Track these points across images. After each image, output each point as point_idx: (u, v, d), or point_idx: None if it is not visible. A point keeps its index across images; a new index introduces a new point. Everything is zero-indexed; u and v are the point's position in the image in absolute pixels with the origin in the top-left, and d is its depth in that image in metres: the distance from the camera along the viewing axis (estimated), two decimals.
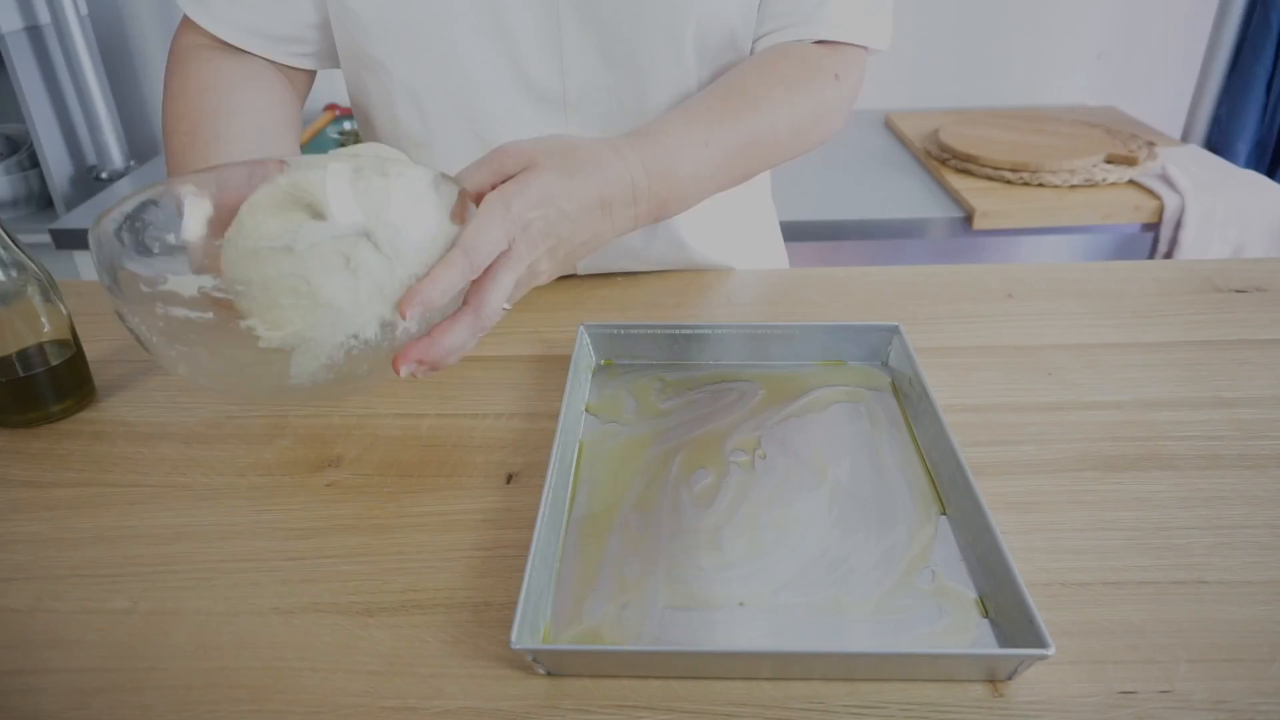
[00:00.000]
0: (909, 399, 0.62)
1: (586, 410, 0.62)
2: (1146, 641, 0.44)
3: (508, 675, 0.43)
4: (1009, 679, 0.42)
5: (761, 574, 0.48)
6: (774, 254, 0.93)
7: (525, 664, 0.43)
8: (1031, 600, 0.42)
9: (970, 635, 0.44)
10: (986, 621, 0.45)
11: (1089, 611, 0.45)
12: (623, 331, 0.66)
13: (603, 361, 0.67)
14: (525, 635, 0.42)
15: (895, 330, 0.66)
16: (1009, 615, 0.44)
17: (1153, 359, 0.67)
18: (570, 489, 0.54)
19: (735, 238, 0.85)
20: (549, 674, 0.43)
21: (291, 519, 0.53)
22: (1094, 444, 0.58)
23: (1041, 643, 0.40)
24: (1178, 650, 0.44)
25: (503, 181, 0.55)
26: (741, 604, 0.46)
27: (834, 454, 0.57)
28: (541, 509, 0.48)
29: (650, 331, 0.66)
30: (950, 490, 0.53)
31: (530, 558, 0.45)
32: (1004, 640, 0.44)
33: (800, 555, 0.49)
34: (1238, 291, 0.77)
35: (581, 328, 0.66)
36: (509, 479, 0.56)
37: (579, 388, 0.62)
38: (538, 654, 0.42)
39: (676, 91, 0.72)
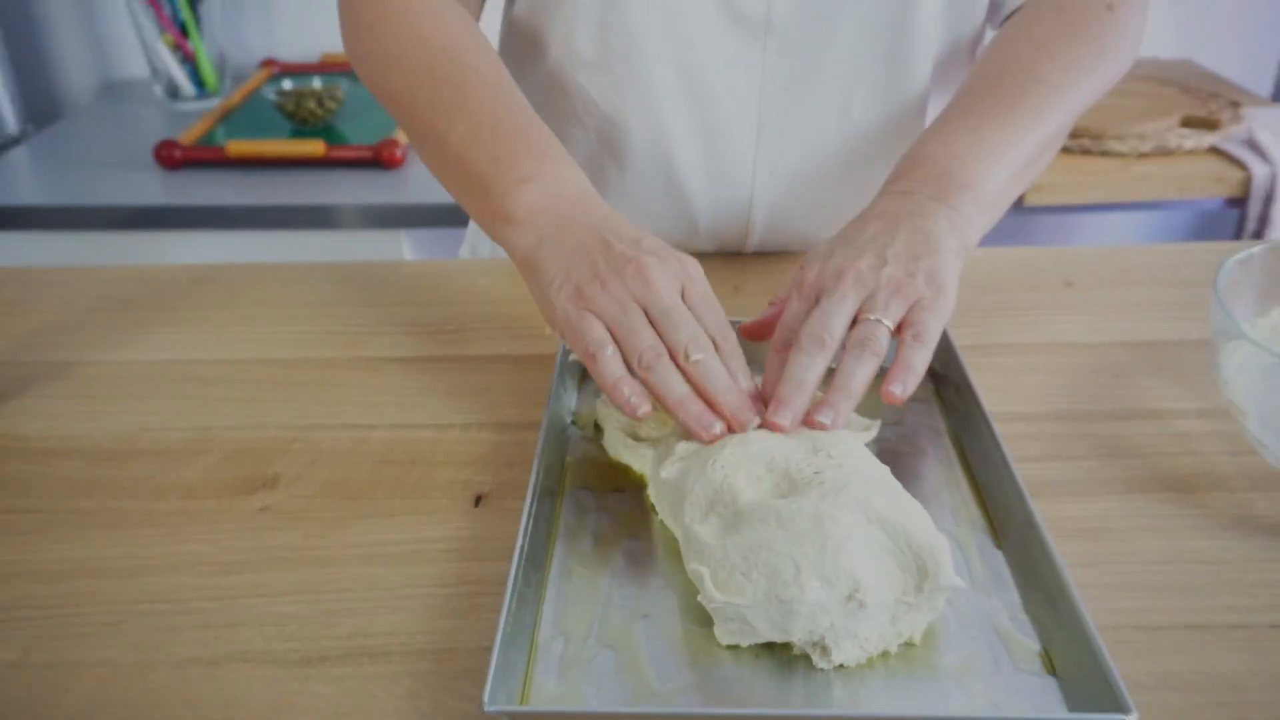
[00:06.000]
0: (952, 406, 0.61)
1: (573, 423, 0.61)
2: (1240, 698, 0.43)
3: None
4: None
5: None
6: None
7: None
8: (1108, 654, 0.41)
9: (1036, 696, 0.43)
10: (1054, 680, 0.44)
11: (1168, 662, 0.45)
12: None
13: None
14: (500, 694, 0.41)
15: None
16: (1078, 670, 0.43)
17: None
18: (553, 516, 0.53)
19: None
20: None
21: (217, 551, 0.52)
22: (1171, 459, 0.58)
23: (1122, 706, 0.39)
24: (1278, 708, 0.43)
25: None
26: (757, 657, 0.45)
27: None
28: (520, 539, 0.47)
29: None
30: (1006, 520, 0.52)
31: (507, 600, 0.44)
32: (1074, 701, 0.42)
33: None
34: None
35: None
36: (477, 501, 0.56)
37: (564, 396, 0.62)
38: (515, 716, 0.41)
39: (894, 19, 0.74)
